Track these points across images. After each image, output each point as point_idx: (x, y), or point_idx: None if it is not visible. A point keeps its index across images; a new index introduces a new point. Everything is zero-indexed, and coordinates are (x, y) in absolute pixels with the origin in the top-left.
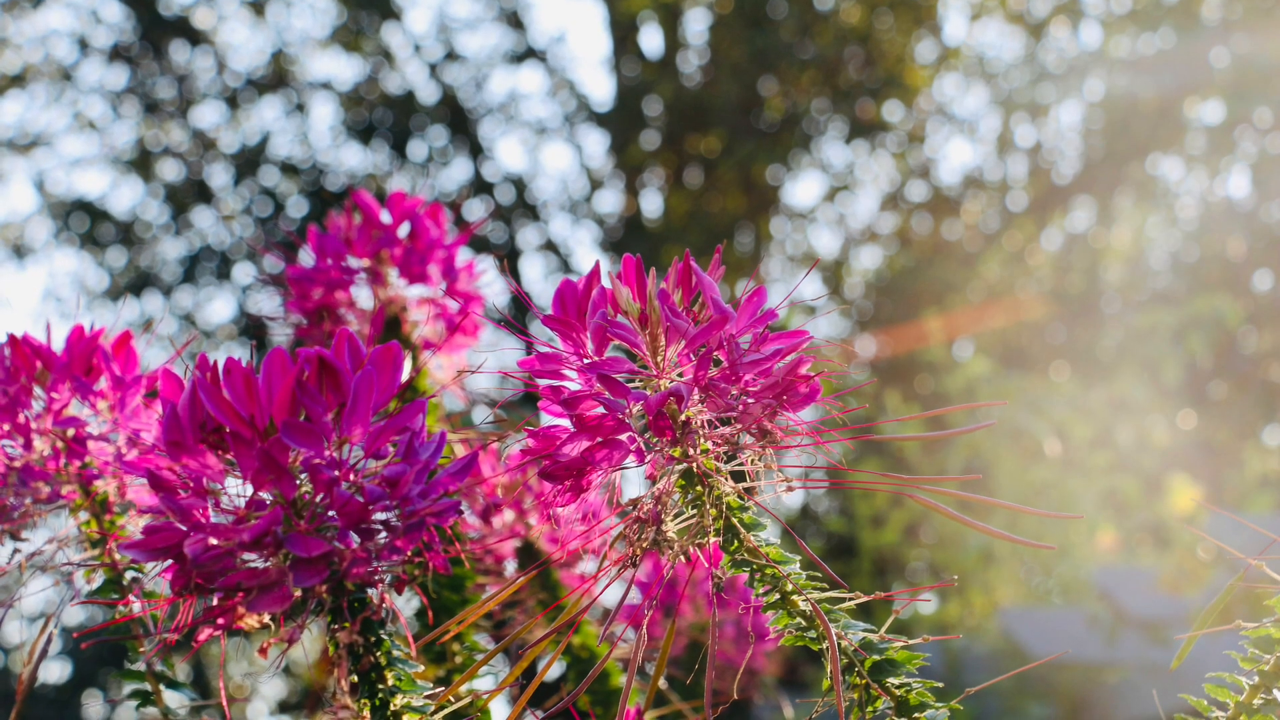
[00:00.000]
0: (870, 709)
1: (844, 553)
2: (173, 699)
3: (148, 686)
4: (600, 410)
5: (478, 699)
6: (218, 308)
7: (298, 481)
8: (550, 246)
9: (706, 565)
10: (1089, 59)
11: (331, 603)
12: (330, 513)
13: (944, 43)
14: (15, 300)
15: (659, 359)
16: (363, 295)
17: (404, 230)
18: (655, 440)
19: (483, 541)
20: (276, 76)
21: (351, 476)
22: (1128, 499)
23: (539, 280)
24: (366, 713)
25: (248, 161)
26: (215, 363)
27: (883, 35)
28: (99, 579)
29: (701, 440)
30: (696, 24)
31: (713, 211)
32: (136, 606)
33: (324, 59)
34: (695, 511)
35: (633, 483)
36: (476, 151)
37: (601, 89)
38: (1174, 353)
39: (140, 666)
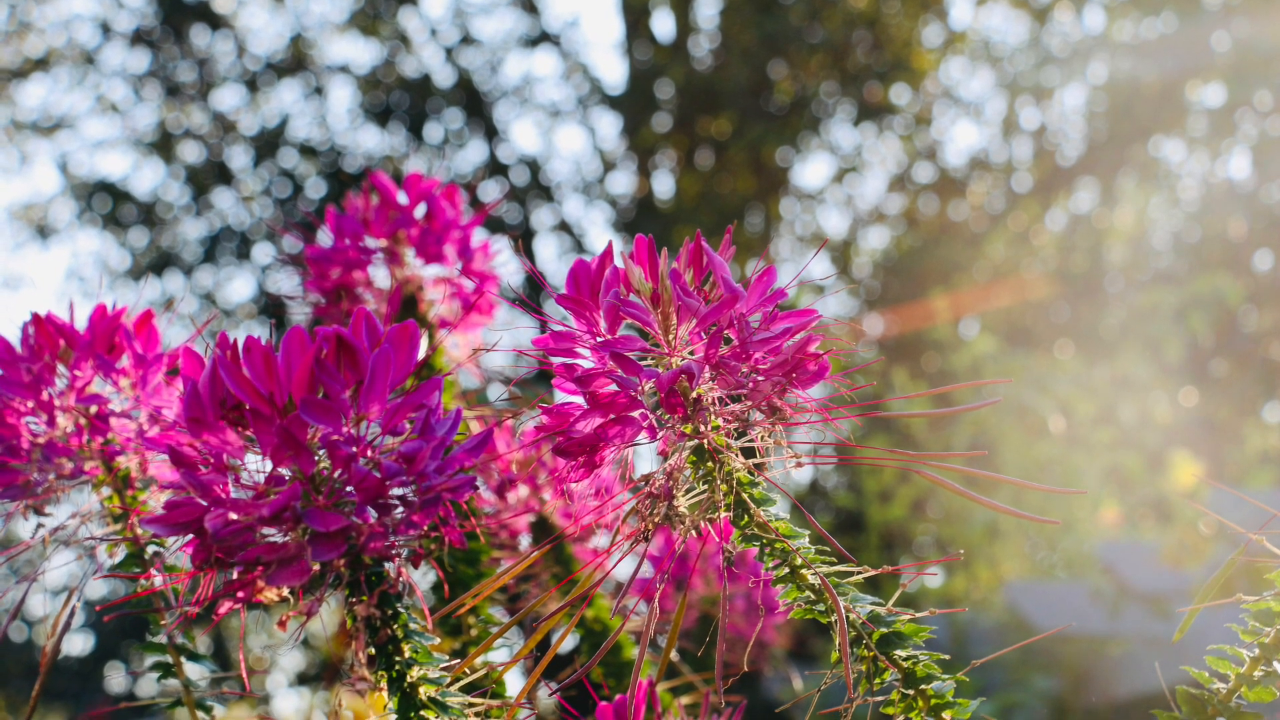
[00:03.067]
0: (878, 681)
1: (852, 527)
2: (194, 671)
3: (169, 659)
4: (613, 388)
5: (493, 671)
6: (238, 287)
7: (316, 457)
8: (564, 227)
9: (717, 540)
10: (1092, 43)
11: (349, 576)
12: (348, 488)
13: (950, 27)
14: (39, 280)
15: (670, 337)
16: (380, 275)
17: (420, 211)
18: (667, 417)
19: (498, 516)
20: (295, 60)
21: (369, 453)
22: (1130, 475)
23: (553, 260)
24: (384, 684)
25: (267, 143)
26: (235, 341)
27: (890, 19)
28: (121, 553)
29: (712, 417)
30: (707, 8)
31: (723, 193)
32: (158, 580)
33: (342, 43)
34: (706, 487)
35: (645, 459)
36: (491, 134)
37: (614, 72)
38: (1176, 331)
39: (162, 639)
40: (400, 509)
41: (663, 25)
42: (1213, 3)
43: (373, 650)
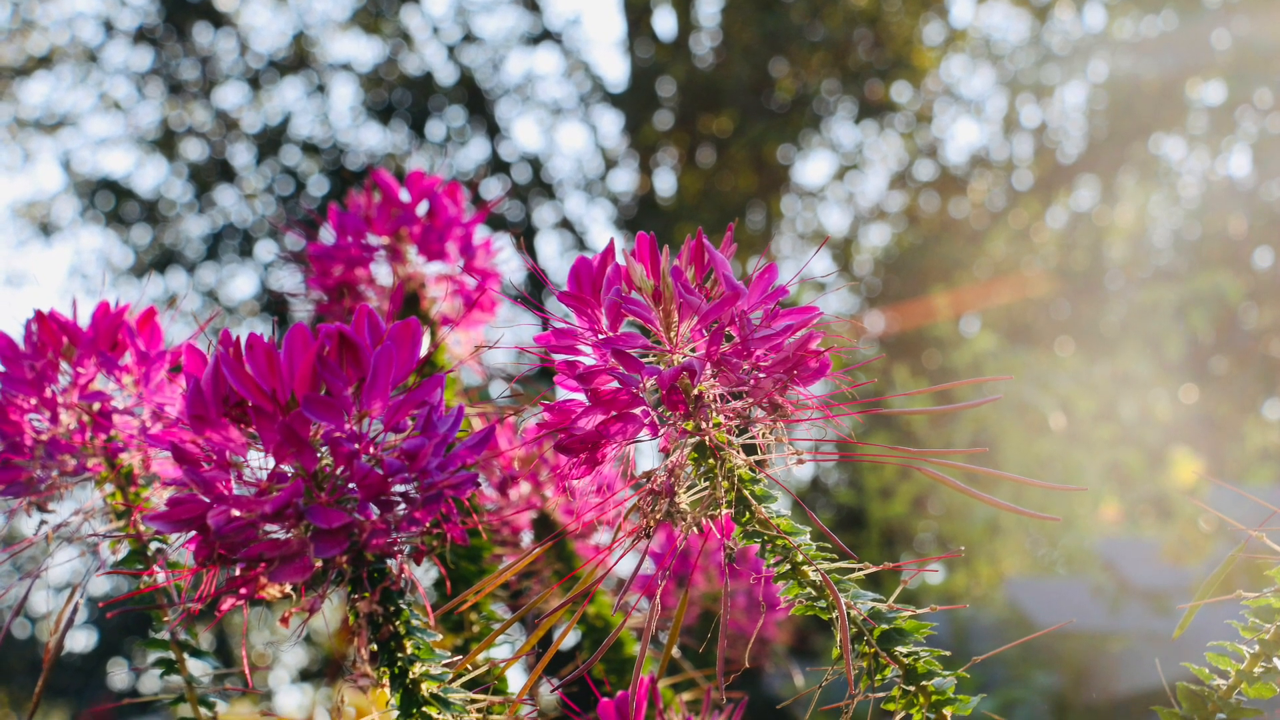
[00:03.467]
0: (879, 677)
1: (853, 524)
2: (196, 667)
3: (172, 655)
4: (615, 385)
5: (495, 667)
6: (240, 284)
7: (319, 454)
8: (566, 224)
9: (719, 536)
10: (1093, 41)
11: (351, 573)
12: (350, 485)
13: (951, 25)
14: (42, 277)
15: (672, 334)
16: (382, 272)
17: (423, 208)
18: (668, 414)
19: (500, 513)
20: (298, 58)
21: (371, 449)
22: (1131, 472)
23: (555, 257)
24: (386, 681)
25: (269, 141)
26: (238, 338)
27: (891, 17)
28: (124, 550)
29: (714, 414)
30: (709, 6)
31: (724, 190)
32: (161, 577)
33: (344, 41)
34: (708, 484)
35: (646, 456)
36: (494, 131)
37: (616, 70)
38: (1176, 328)
39: (165, 635)
40: (402, 506)
41: (664, 23)
42: (1213, 1)
43: (375, 647)
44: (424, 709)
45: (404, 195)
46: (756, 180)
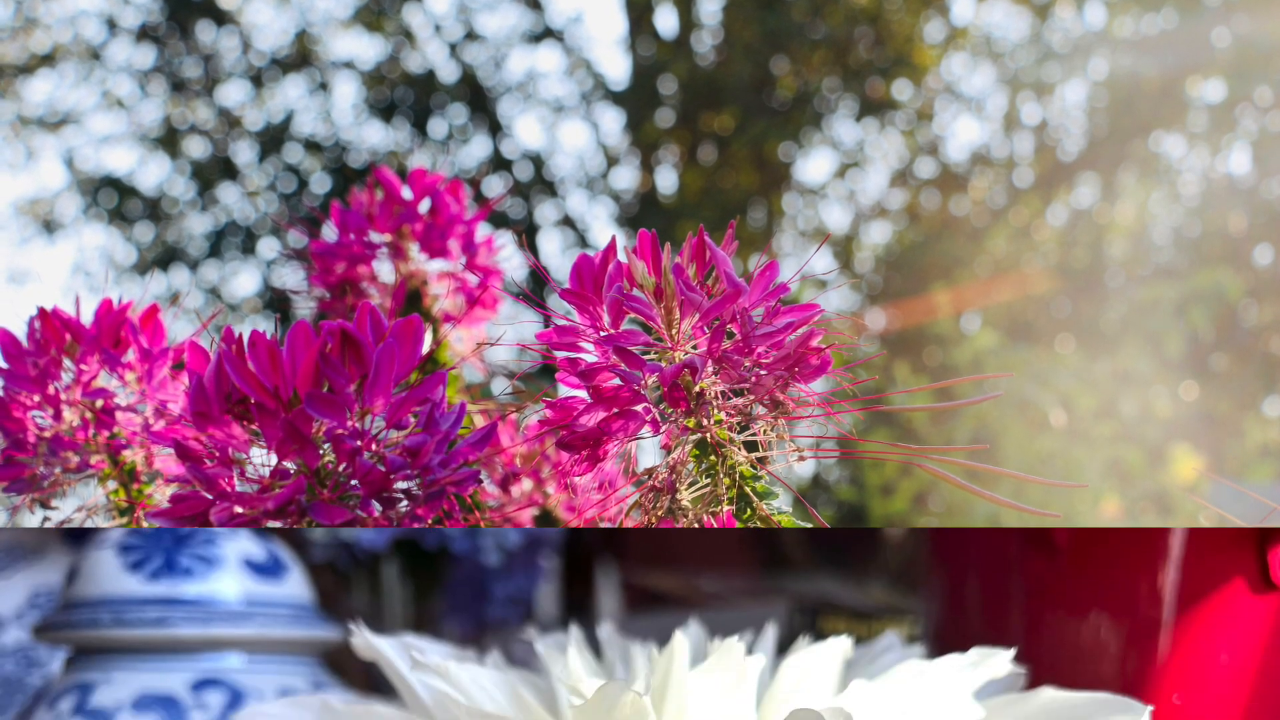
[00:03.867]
0: None
1: (854, 521)
2: None
3: None
4: (616, 382)
5: None
6: (243, 282)
7: (321, 451)
8: (567, 222)
9: None
10: (1093, 39)
11: None
12: (353, 482)
13: (952, 23)
14: (45, 274)
15: (673, 332)
16: (384, 269)
17: (425, 206)
18: (670, 411)
19: (502, 510)
20: (300, 56)
21: (373, 446)
22: (1131, 468)
23: (556, 255)
24: None
25: (272, 139)
26: (240, 335)
27: (892, 15)
28: None
29: (715, 411)
30: (710, 4)
31: (726, 188)
32: None
33: (346, 39)
34: (709, 481)
35: (648, 453)
36: (495, 129)
37: (617, 68)
38: (1176, 326)
39: None
40: (405, 502)
41: (665, 21)
42: None
43: None
44: None
45: (406, 193)
46: (758, 178)
